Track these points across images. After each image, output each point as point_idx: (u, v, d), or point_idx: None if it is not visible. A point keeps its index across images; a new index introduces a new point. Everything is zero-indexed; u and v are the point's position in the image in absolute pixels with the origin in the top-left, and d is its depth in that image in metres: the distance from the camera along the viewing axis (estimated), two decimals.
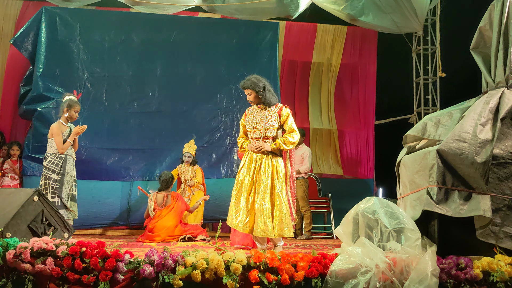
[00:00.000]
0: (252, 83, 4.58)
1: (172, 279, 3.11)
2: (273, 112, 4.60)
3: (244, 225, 4.47)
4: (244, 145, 4.74)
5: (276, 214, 4.41)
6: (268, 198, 4.43)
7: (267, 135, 4.57)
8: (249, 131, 4.71)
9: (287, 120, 4.58)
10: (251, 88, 4.60)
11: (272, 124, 4.56)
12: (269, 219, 4.39)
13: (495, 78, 4.17)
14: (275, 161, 4.53)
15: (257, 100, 4.64)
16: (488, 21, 4.31)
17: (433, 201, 3.79)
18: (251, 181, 4.52)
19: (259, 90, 4.58)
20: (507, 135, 3.85)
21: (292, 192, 4.60)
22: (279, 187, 4.46)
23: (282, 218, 4.40)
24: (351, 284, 3.16)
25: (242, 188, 4.55)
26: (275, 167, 4.51)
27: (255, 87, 4.58)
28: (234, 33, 7.87)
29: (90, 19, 7.59)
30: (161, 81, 7.59)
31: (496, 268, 3.39)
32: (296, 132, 4.56)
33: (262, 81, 4.62)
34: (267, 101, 4.62)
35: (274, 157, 4.55)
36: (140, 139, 7.39)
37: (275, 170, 4.49)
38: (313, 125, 8.94)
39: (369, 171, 8.96)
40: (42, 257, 3.18)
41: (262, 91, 4.59)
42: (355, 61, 9.11)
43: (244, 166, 4.61)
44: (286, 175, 4.57)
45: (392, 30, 8.09)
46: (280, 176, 4.50)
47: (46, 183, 5.34)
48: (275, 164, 4.52)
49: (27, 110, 7.13)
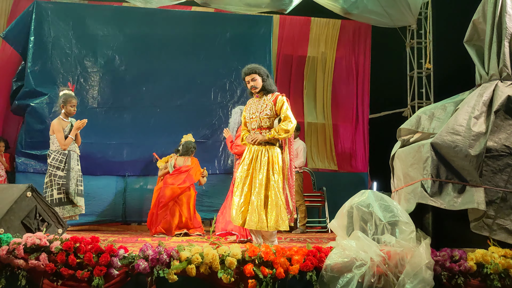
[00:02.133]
0: (257, 67, 4.56)
1: (167, 274, 3.10)
2: (269, 101, 4.53)
3: (237, 217, 4.42)
4: (244, 137, 4.70)
5: (270, 207, 4.32)
6: (263, 190, 4.35)
7: (262, 125, 4.51)
8: (248, 122, 4.67)
9: (282, 107, 4.46)
10: (256, 73, 4.54)
11: (267, 113, 4.49)
12: (263, 212, 4.31)
13: (488, 70, 4.18)
14: (271, 152, 4.44)
15: (261, 86, 4.56)
16: (482, 13, 4.31)
17: (427, 194, 3.80)
18: (246, 173, 4.47)
19: (264, 75, 4.55)
20: (500, 127, 3.86)
21: (289, 184, 4.48)
22: (275, 178, 4.37)
23: (276, 211, 4.32)
24: (346, 278, 3.17)
25: (240, 181, 4.50)
26: (271, 158, 4.42)
27: (260, 71, 4.55)
28: (228, 27, 7.82)
29: (82, 13, 7.51)
30: (155, 76, 7.54)
31: (490, 260, 3.41)
32: (290, 119, 4.43)
33: (263, 68, 4.62)
34: (268, 87, 4.56)
35: (270, 148, 4.46)
36: (134, 134, 7.34)
37: (271, 162, 4.41)
38: (308, 119, 8.94)
39: (363, 165, 8.98)
40: (35, 252, 3.17)
41: (267, 77, 4.57)
42: (350, 54, 9.10)
43: (244, 158, 4.57)
44: (284, 167, 4.47)
45: (386, 23, 8.09)
46: (276, 168, 4.40)
47: (52, 180, 5.34)
48: (271, 155, 4.43)
49: (19, 106, 7.07)
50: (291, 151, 4.58)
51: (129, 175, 7.27)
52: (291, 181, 4.50)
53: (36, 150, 6.86)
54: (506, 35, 4.06)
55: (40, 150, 6.78)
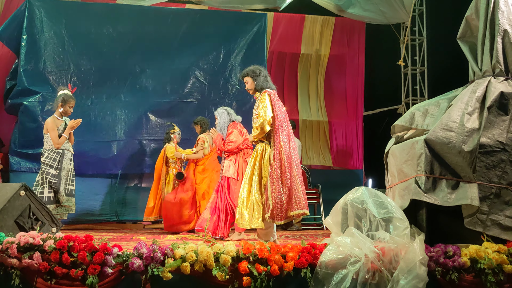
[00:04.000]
0: (250, 70, 4.60)
1: (162, 272, 3.10)
2: (257, 100, 4.53)
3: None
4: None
5: (250, 204, 4.32)
6: (247, 188, 4.38)
7: (253, 124, 4.50)
8: None
9: (259, 105, 4.43)
10: (247, 75, 4.59)
11: (255, 112, 4.50)
12: (246, 209, 4.33)
13: (481, 67, 4.19)
14: (260, 149, 4.42)
15: (253, 87, 4.58)
16: (475, 10, 4.33)
17: (421, 190, 3.82)
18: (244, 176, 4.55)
19: (254, 76, 4.55)
20: (493, 123, 3.88)
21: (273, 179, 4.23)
22: (256, 176, 4.35)
23: (253, 208, 4.30)
24: (341, 274, 3.18)
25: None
26: (258, 155, 4.40)
27: (251, 73, 4.57)
28: (221, 25, 7.81)
29: (75, 11, 7.47)
30: (148, 73, 7.52)
31: (484, 255, 3.42)
32: (260, 115, 4.35)
33: (260, 69, 4.62)
34: (258, 86, 4.55)
35: (260, 145, 4.44)
36: (127, 132, 7.32)
37: (257, 159, 4.39)
38: (303, 116, 8.95)
39: (358, 162, 9.00)
40: (29, 251, 3.15)
41: (257, 76, 4.55)
42: (344, 52, 9.11)
43: None
44: (269, 162, 4.32)
45: (380, 20, 8.10)
46: (256, 165, 4.37)
47: (43, 178, 5.34)
48: (258, 153, 4.42)
49: (12, 105, 7.03)
50: (278, 146, 4.33)
51: (122, 173, 7.24)
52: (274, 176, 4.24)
53: (30, 149, 6.82)
54: (499, 31, 4.08)
55: (34, 149, 6.75)
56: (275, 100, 4.42)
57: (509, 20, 4.09)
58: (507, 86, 4.00)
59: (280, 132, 4.31)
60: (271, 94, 4.43)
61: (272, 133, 4.36)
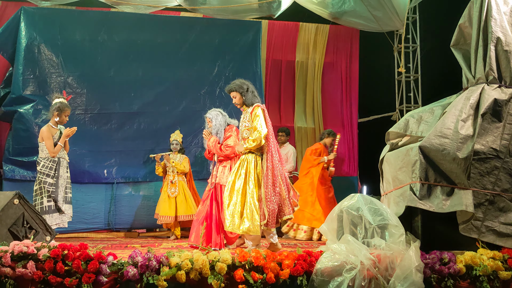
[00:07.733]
0: (237, 85, 4.81)
1: (157, 280, 3.08)
2: (248, 113, 4.74)
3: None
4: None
5: (245, 213, 4.49)
6: (240, 197, 4.53)
7: (243, 136, 4.73)
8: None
9: (255, 118, 4.65)
10: (235, 90, 4.80)
11: (246, 125, 4.72)
12: (238, 217, 4.50)
13: (475, 74, 4.22)
14: (250, 159, 4.61)
15: (241, 101, 4.81)
16: (468, 18, 4.36)
17: (416, 197, 3.82)
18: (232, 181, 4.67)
19: (243, 92, 4.78)
20: (487, 130, 3.90)
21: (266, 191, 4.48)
22: (250, 186, 4.52)
23: (247, 217, 4.46)
24: (337, 281, 3.17)
25: (227, 187, 4.70)
26: (249, 166, 4.59)
27: (239, 89, 4.78)
28: (216, 33, 7.82)
29: (70, 19, 7.45)
30: (143, 82, 7.50)
31: (479, 262, 3.43)
32: (257, 129, 4.58)
33: (246, 83, 4.84)
34: (247, 102, 4.79)
35: (250, 157, 4.62)
36: (122, 141, 7.30)
37: (248, 170, 4.58)
38: (298, 124, 8.94)
39: (353, 169, 8.99)
40: (23, 260, 3.13)
41: (246, 91, 4.78)
42: (338, 59, 9.13)
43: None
44: (262, 173, 4.55)
45: (374, 28, 8.14)
46: (251, 177, 4.54)
47: (42, 188, 5.32)
48: (248, 164, 4.60)
49: (6, 112, 6.99)
50: (271, 157, 4.60)
51: (117, 182, 7.22)
52: (269, 187, 4.48)
53: (24, 157, 6.78)
54: (492, 39, 4.11)
55: (28, 157, 6.71)
56: (266, 113, 4.72)
57: (502, 27, 4.13)
58: (500, 93, 4.03)
59: (271, 144, 4.62)
60: (264, 110, 4.72)
61: (265, 145, 4.61)
